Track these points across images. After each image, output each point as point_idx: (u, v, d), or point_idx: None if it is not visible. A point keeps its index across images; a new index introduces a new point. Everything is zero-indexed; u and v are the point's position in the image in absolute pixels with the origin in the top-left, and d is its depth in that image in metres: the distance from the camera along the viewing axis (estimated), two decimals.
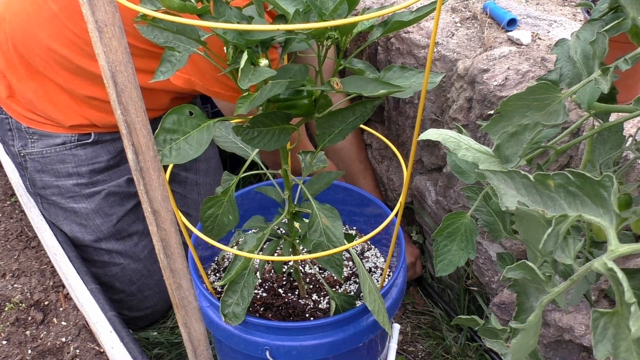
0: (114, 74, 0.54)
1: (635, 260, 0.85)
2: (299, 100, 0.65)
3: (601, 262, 0.37)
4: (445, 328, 1.31)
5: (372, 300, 0.75)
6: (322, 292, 0.93)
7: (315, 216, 0.73)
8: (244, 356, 0.87)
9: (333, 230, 0.72)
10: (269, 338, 0.80)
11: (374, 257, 1.03)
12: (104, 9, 0.50)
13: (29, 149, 1.14)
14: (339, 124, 0.69)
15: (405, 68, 0.65)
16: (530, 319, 0.44)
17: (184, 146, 0.61)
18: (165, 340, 1.26)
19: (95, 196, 1.17)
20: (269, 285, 0.94)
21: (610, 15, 0.58)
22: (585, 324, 0.94)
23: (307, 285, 0.95)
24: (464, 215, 0.70)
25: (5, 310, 1.11)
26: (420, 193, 1.37)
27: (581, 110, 0.90)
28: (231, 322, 0.79)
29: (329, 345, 0.80)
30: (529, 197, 0.43)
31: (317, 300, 0.92)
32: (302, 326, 0.81)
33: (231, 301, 0.79)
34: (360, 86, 0.61)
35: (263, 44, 0.59)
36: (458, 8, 1.22)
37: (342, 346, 0.82)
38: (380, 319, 0.76)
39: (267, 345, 0.80)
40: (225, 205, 0.76)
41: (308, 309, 0.90)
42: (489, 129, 0.54)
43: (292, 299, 0.92)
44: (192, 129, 0.61)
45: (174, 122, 0.60)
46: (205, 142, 0.61)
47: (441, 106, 1.19)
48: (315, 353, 0.81)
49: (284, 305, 0.91)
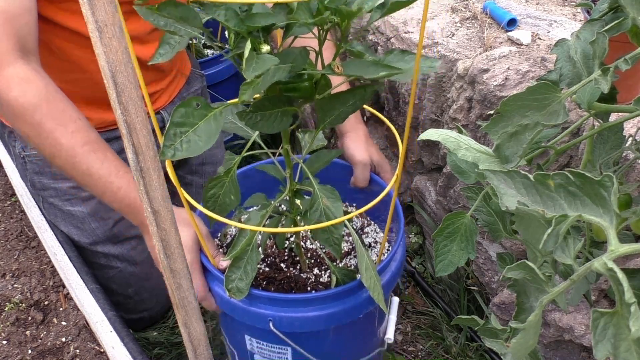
0: (114, 74, 0.54)
1: (635, 260, 0.85)
2: (299, 83, 0.65)
3: (601, 262, 0.37)
4: (445, 328, 1.31)
5: (368, 277, 0.76)
6: (323, 266, 0.96)
7: (317, 197, 0.75)
8: (247, 327, 0.90)
9: (333, 211, 0.74)
10: (272, 310, 0.83)
11: (373, 233, 1.05)
12: (104, 9, 0.50)
13: (28, 150, 1.14)
14: (339, 107, 0.69)
15: (406, 52, 0.64)
16: (530, 319, 0.44)
17: (194, 138, 0.60)
18: (165, 340, 1.26)
19: (92, 200, 1.17)
20: (271, 260, 0.96)
21: (610, 15, 0.58)
22: (585, 324, 0.94)
23: (308, 260, 0.97)
24: (464, 215, 0.70)
25: (5, 310, 1.11)
26: (420, 193, 1.37)
27: (581, 110, 0.90)
28: (235, 296, 0.82)
29: (330, 316, 0.83)
30: (529, 197, 0.43)
31: (318, 274, 0.94)
32: (304, 298, 0.83)
33: (235, 276, 0.81)
34: (360, 69, 0.61)
35: (264, 30, 0.59)
36: (458, 8, 1.22)
37: (342, 317, 0.84)
38: (376, 295, 0.77)
39: (271, 317, 0.83)
40: (227, 185, 0.77)
41: (309, 283, 0.93)
42: (489, 129, 0.54)
43: (294, 273, 0.94)
44: (199, 119, 0.60)
45: (182, 115, 0.60)
46: (214, 133, 0.60)
47: (441, 106, 1.19)
48: (316, 324, 0.84)
49: (286, 279, 0.93)
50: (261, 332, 0.88)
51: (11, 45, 0.87)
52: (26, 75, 0.87)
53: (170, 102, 1.24)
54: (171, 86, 1.24)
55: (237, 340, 0.96)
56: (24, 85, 0.86)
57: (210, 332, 1.31)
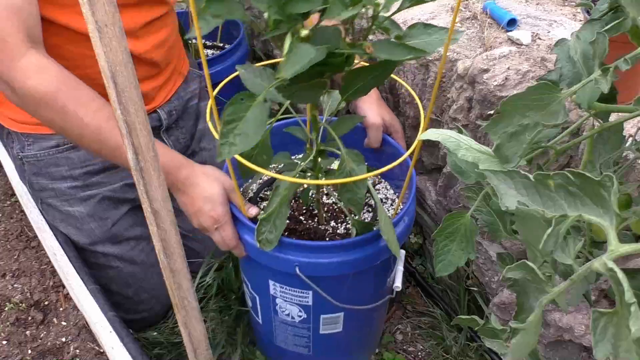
0: (114, 74, 0.54)
1: (635, 260, 0.85)
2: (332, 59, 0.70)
3: (601, 262, 0.37)
4: (445, 328, 1.31)
5: (386, 231, 0.84)
6: (339, 219, 1.06)
7: (344, 159, 0.84)
8: (273, 273, 0.99)
9: (358, 173, 0.83)
10: (298, 256, 0.91)
11: (384, 190, 1.15)
12: (104, 9, 0.50)
13: (26, 151, 1.14)
14: (362, 80, 0.75)
15: (429, 25, 0.70)
16: (530, 319, 0.44)
17: (245, 130, 0.63)
18: (165, 340, 1.26)
19: (90, 200, 1.16)
20: (291, 214, 1.06)
21: (610, 15, 0.58)
22: (585, 324, 0.94)
23: (325, 214, 1.06)
24: (464, 215, 0.70)
25: (5, 310, 1.11)
26: (420, 193, 1.37)
27: (581, 110, 0.90)
28: (265, 247, 0.89)
29: (351, 262, 0.92)
30: (529, 197, 0.43)
31: (335, 227, 1.04)
32: (328, 245, 0.92)
33: (264, 229, 0.89)
34: (389, 51, 0.67)
35: (303, 15, 0.63)
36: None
37: (362, 264, 0.94)
38: (394, 248, 0.85)
39: (297, 262, 0.91)
40: (260, 146, 0.85)
41: (327, 234, 1.02)
42: (489, 129, 0.54)
43: (312, 225, 1.04)
44: (245, 111, 0.64)
45: (231, 113, 0.64)
46: (262, 122, 0.63)
47: (441, 106, 1.19)
48: (339, 269, 0.93)
49: (305, 231, 1.02)
50: (286, 276, 0.97)
51: (21, 37, 0.89)
52: (40, 63, 0.89)
53: (167, 101, 1.23)
54: (168, 85, 1.24)
55: (261, 285, 1.05)
56: (41, 73, 0.89)
57: (210, 332, 1.31)
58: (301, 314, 1.05)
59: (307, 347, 1.14)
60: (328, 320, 1.07)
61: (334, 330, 1.10)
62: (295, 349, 1.15)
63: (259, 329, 1.20)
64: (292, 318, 1.07)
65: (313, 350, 1.14)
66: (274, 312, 1.08)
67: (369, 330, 1.21)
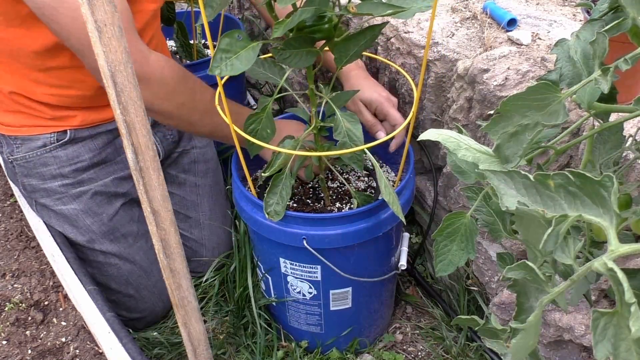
0: (113, 73, 0.54)
1: (635, 260, 0.85)
2: (321, 25, 0.79)
3: (601, 262, 0.37)
4: (445, 328, 1.31)
5: (387, 194, 0.87)
6: (344, 200, 1.13)
7: (339, 120, 0.89)
8: (283, 249, 1.06)
9: (354, 131, 0.89)
10: (305, 229, 0.98)
11: (385, 173, 1.22)
12: (103, 9, 0.50)
13: (15, 154, 1.15)
14: (353, 47, 0.83)
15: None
16: (530, 319, 0.44)
17: (236, 62, 0.74)
18: (165, 340, 1.26)
19: (83, 196, 1.17)
20: (298, 198, 1.14)
21: (610, 15, 0.58)
22: (585, 324, 0.94)
23: (330, 196, 1.13)
24: (464, 215, 0.70)
25: (5, 310, 1.11)
26: (420, 193, 1.37)
27: (581, 110, 0.90)
28: (273, 218, 0.97)
29: (355, 233, 0.98)
30: (529, 197, 0.43)
31: (340, 207, 1.11)
32: (333, 216, 0.99)
33: (272, 201, 0.96)
34: (371, 9, 0.74)
35: None
36: (458, 8, 1.22)
37: (366, 234, 1.00)
38: (395, 208, 0.88)
39: (305, 235, 0.98)
40: (264, 121, 0.92)
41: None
42: (489, 129, 0.54)
43: (318, 206, 1.11)
44: (241, 49, 0.75)
45: (227, 44, 0.74)
46: (252, 59, 0.75)
47: (441, 106, 1.19)
48: (343, 240, 0.99)
49: (312, 212, 1.09)
50: (295, 251, 1.04)
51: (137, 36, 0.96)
52: (159, 55, 0.98)
53: None
54: None
55: (272, 264, 1.12)
56: (168, 63, 0.98)
57: (210, 332, 1.31)
58: (311, 291, 1.12)
59: (318, 325, 1.21)
60: (337, 295, 1.13)
61: (344, 307, 1.16)
62: (309, 328, 1.22)
63: (272, 312, 1.28)
64: (303, 295, 1.14)
65: (325, 328, 1.21)
66: (286, 291, 1.16)
67: (377, 308, 1.25)
